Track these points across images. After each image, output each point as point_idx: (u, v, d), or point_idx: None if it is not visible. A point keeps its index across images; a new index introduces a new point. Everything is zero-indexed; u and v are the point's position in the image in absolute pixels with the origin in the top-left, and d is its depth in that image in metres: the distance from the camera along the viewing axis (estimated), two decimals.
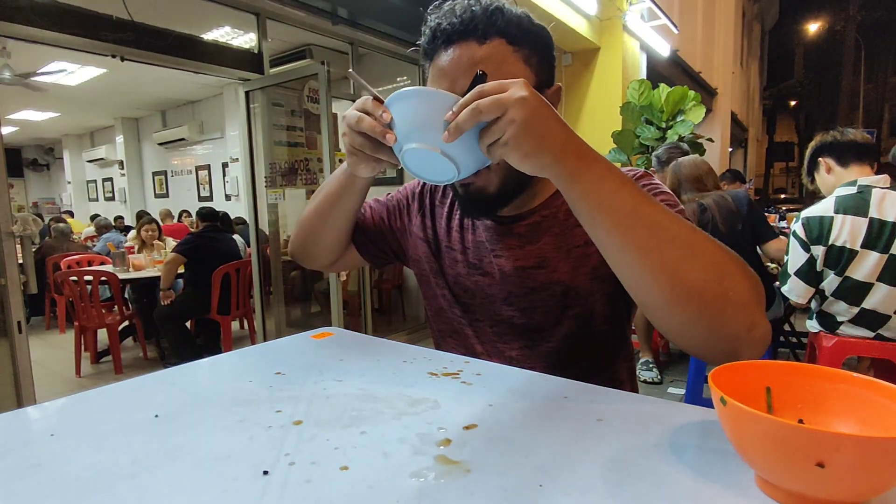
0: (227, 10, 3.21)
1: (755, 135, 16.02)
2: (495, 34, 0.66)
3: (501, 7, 0.67)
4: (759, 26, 16.63)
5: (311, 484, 0.42)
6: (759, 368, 0.46)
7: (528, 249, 0.78)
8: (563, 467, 0.44)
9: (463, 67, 0.66)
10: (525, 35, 0.68)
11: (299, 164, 3.42)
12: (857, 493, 0.36)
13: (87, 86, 6.21)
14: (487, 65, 0.65)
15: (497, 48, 0.66)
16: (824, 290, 1.88)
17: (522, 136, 0.52)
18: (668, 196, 0.72)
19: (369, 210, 0.95)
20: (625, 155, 4.38)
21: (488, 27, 0.66)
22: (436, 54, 0.69)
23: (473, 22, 0.66)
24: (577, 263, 0.76)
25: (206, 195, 7.96)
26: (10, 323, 1.98)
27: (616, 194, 0.54)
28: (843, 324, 1.86)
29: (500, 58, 0.66)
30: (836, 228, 1.78)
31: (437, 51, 0.68)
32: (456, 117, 0.53)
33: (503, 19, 0.66)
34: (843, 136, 1.87)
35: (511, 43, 0.67)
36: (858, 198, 1.77)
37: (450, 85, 0.67)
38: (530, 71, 0.69)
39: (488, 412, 0.55)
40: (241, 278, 3.71)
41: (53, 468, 0.46)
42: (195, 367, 0.74)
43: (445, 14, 0.68)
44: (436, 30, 0.68)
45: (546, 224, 0.78)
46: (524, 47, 0.68)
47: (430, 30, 0.69)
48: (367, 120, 0.59)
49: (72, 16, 2.55)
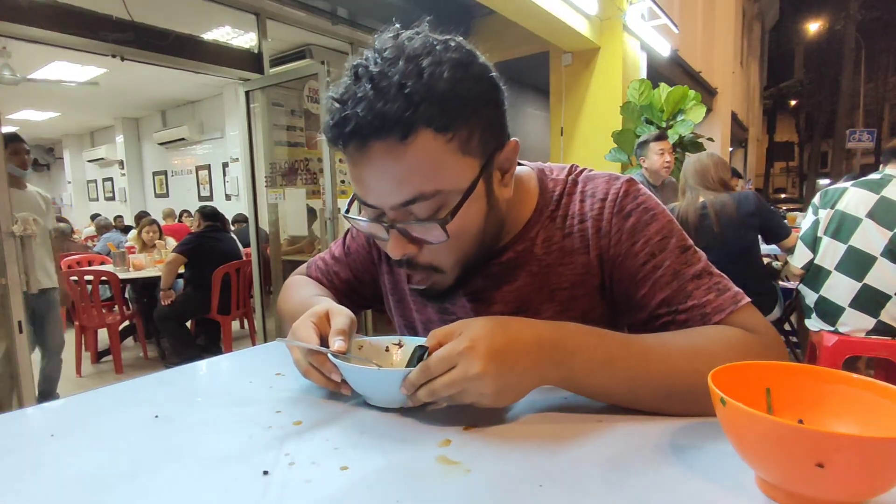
0: (227, 10, 3.21)
1: (755, 134, 16.02)
2: (421, 123, 0.51)
3: (421, 81, 0.50)
4: (759, 26, 16.63)
5: (311, 484, 0.42)
6: (759, 369, 0.46)
7: (506, 290, 0.70)
8: (563, 467, 0.44)
9: (386, 179, 0.53)
10: (457, 110, 0.52)
11: (299, 164, 3.42)
12: (856, 493, 0.36)
13: (87, 86, 6.21)
14: (416, 170, 0.52)
15: (424, 144, 0.52)
16: (824, 265, 1.93)
17: (500, 399, 0.52)
18: (649, 210, 0.66)
19: (335, 278, 0.87)
20: (625, 155, 4.37)
21: (409, 118, 0.50)
22: (346, 148, 0.54)
23: (387, 116, 0.50)
24: (563, 308, 0.68)
25: (207, 195, 7.96)
26: (11, 323, 1.98)
27: (598, 382, 0.55)
28: (844, 312, 1.88)
29: (429, 157, 0.52)
30: (847, 197, 1.91)
31: (348, 145, 0.53)
32: (413, 393, 0.53)
33: (426, 102, 0.50)
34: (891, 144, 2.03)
35: (440, 130, 0.52)
36: (878, 181, 1.89)
37: (375, 199, 0.56)
38: (472, 157, 0.55)
39: (488, 412, 0.55)
40: (241, 278, 3.71)
41: (53, 468, 0.46)
42: (195, 367, 0.75)
43: (352, 100, 0.51)
44: (342, 124, 0.52)
45: (521, 260, 0.69)
46: (460, 128, 0.53)
47: (335, 123, 0.53)
48: (317, 375, 0.58)
49: (72, 16, 2.55)
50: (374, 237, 0.64)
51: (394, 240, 0.58)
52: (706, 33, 8.93)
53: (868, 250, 1.82)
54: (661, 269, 0.63)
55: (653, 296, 0.63)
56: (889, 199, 1.82)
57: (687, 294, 0.61)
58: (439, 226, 0.55)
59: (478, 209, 0.59)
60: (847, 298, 1.87)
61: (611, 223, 0.65)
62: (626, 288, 0.65)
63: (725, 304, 0.60)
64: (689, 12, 8.09)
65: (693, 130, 4.27)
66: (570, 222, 0.68)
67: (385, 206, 0.56)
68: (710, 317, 0.60)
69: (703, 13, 8.78)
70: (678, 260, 0.63)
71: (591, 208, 0.67)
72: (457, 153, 0.54)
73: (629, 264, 0.64)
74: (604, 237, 0.66)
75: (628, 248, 0.64)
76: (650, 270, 0.63)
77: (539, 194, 0.70)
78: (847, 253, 1.87)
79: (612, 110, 4.68)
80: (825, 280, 1.93)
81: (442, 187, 0.54)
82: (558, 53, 4.98)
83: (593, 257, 0.67)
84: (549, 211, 0.69)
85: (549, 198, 0.70)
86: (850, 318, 1.87)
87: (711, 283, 0.62)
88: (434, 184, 0.54)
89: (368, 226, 0.60)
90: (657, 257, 0.63)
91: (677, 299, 0.62)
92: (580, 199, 0.68)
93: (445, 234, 0.56)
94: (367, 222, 0.59)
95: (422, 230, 0.57)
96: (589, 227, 0.66)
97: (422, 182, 0.53)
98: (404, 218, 0.56)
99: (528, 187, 0.71)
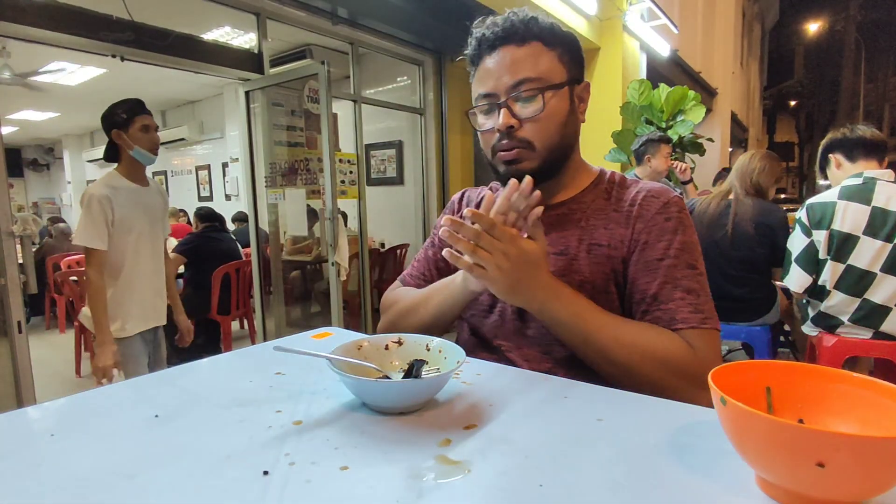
0: (227, 10, 3.21)
1: (755, 135, 16.01)
2: (532, 38, 0.77)
3: (536, 17, 0.78)
4: (759, 26, 16.62)
5: (311, 484, 0.42)
6: (759, 368, 0.46)
7: (553, 236, 0.83)
8: (563, 467, 0.44)
9: (506, 65, 0.77)
10: (558, 38, 0.79)
11: (299, 164, 3.42)
12: (857, 493, 0.36)
13: (87, 86, 6.21)
14: (526, 61, 0.76)
15: (534, 48, 0.77)
16: (825, 284, 1.87)
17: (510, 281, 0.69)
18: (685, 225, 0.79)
19: (428, 271, 0.99)
20: (625, 155, 4.37)
21: (526, 32, 0.77)
22: (480, 59, 0.80)
23: (513, 29, 0.77)
24: (596, 261, 0.80)
25: (206, 195, 7.96)
26: (10, 323, 1.97)
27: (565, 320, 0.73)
28: (843, 325, 1.86)
29: (537, 55, 0.77)
30: (839, 214, 1.81)
31: (482, 56, 0.80)
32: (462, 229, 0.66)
33: (538, 26, 0.78)
34: (853, 133, 1.90)
35: (546, 45, 0.77)
36: (863, 187, 1.80)
37: (494, 84, 0.77)
38: (563, 67, 0.78)
39: (488, 412, 0.55)
40: (241, 278, 3.70)
41: (53, 468, 0.46)
42: (195, 367, 0.74)
43: (488, 25, 0.79)
44: (480, 39, 0.79)
45: (574, 216, 0.84)
46: (557, 48, 0.78)
47: (476, 39, 0.80)
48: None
49: (72, 16, 2.54)
50: (483, 128, 0.82)
51: (504, 114, 0.77)
52: (706, 34, 8.93)
53: (867, 267, 1.78)
54: (666, 269, 0.76)
55: (650, 287, 0.76)
56: (881, 208, 1.76)
57: (671, 299, 0.75)
58: (540, 95, 0.76)
59: (563, 105, 0.79)
60: (847, 314, 1.85)
61: (653, 217, 0.79)
62: (636, 272, 0.78)
63: (691, 320, 0.73)
64: (688, 12, 8.09)
65: (693, 131, 4.26)
66: (622, 204, 0.82)
67: (501, 88, 0.77)
68: (675, 323, 0.73)
69: (703, 13, 8.78)
70: (682, 272, 0.76)
71: (643, 199, 0.81)
72: (555, 60, 0.78)
73: (648, 253, 0.77)
74: (641, 222, 0.79)
75: (654, 241, 0.77)
76: (659, 265, 0.76)
77: (598, 175, 0.88)
78: (846, 271, 1.82)
79: (612, 110, 4.68)
80: (825, 298, 1.89)
81: (542, 76, 0.76)
82: None
83: (628, 234, 0.80)
84: (605, 189, 0.85)
85: (605, 178, 0.87)
86: (850, 329, 1.85)
87: (694, 301, 0.74)
88: (537, 72, 0.76)
89: (482, 118, 0.82)
90: (669, 259, 0.76)
91: (663, 298, 0.75)
92: (636, 190, 0.83)
93: (542, 105, 0.76)
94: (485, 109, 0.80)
95: (525, 106, 0.77)
96: (634, 210, 0.80)
97: (530, 69, 0.76)
98: (514, 97, 0.76)
99: (591, 169, 0.89)
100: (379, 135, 4.98)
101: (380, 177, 5.07)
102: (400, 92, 4.77)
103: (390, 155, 4.96)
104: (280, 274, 3.85)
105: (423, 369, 0.63)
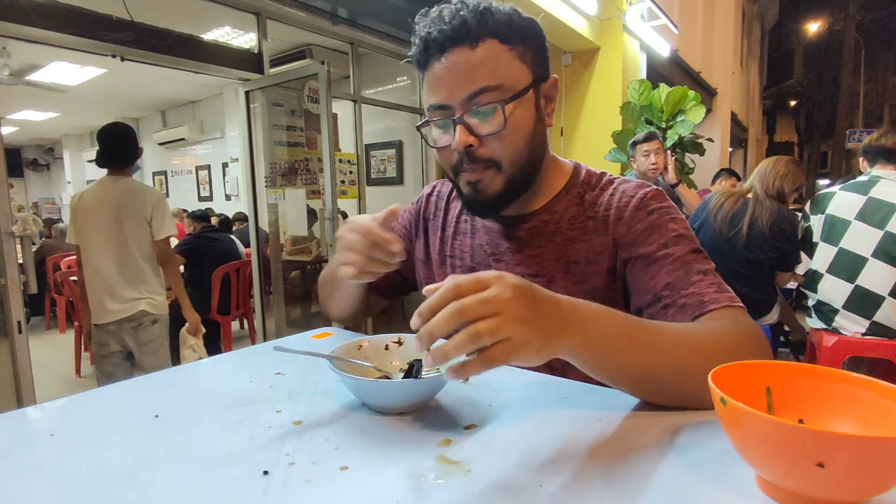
0: (227, 10, 3.21)
1: (755, 135, 16.00)
2: (487, 35, 0.65)
3: (489, 7, 0.66)
4: (759, 26, 16.61)
5: (311, 484, 0.42)
6: (759, 368, 0.46)
7: (527, 254, 0.76)
8: (563, 467, 0.44)
9: (459, 72, 0.65)
10: (516, 32, 0.67)
11: (299, 164, 3.42)
12: (857, 493, 0.36)
13: (87, 86, 6.21)
14: (483, 66, 0.65)
15: (491, 48, 0.65)
16: (818, 268, 1.95)
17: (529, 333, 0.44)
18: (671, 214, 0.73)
19: None
20: (625, 155, 4.37)
21: (479, 29, 0.65)
22: (428, 64, 0.68)
23: (465, 27, 0.65)
24: (575, 281, 0.74)
25: (206, 195, 7.95)
26: (10, 323, 1.98)
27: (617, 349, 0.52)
28: (838, 313, 1.89)
29: (494, 57, 0.65)
30: (836, 200, 1.95)
31: (431, 60, 0.67)
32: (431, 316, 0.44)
33: (493, 19, 0.65)
34: (875, 142, 2.04)
35: (503, 42, 0.66)
36: (865, 182, 1.92)
37: (447, 94, 0.66)
38: (526, 67, 0.68)
39: (488, 412, 0.55)
40: (240, 278, 3.70)
41: (53, 468, 0.46)
42: (195, 367, 0.74)
43: (434, 21, 0.67)
44: (427, 39, 0.67)
45: (546, 229, 0.76)
46: (517, 44, 0.67)
47: (421, 40, 0.68)
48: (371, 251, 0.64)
49: (72, 16, 2.54)
50: (438, 144, 0.72)
51: (461, 131, 0.66)
52: (706, 33, 8.92)
53: (859, 251, 1.84)
54: (672, 258, 0.68)
55: (660, 280, 0.67)
56: (877, 199, 1.84)
57: (690, 282, 0.66)
58: (500, 108, 0.65)
59: (529, 114, 0.69)
60: (840, 300, 1.89)
61: (633, 214, 0.72)
62: (637, 274, 0.70)
63: (722, 299, 0.64)
64: (688, 12, 8.08)
65: (693, 131, 4.26)
66: (596, 209, 0.75)
67: (456, 100, 0.66)
68: (707, 304, 0.63)
69: (703, 13, 8.77)
70: (689, 255, 0.68)
71: (618, 201, 0.74)
72: (515, 59, 0.67)
73: (642, 250, 0.70)
74: (622, 225, 0.72)
75: (644, 238, 0.70)
76: (661, 257, 0.69)
77: (571, 175, 0.79)
78: (838, 255, 1.89)
79: (612, 111, 4.68)
80: (819, 282, 1.96)
81: (502, 83, 0.65)
82: (558, 53, 4.97)
83: (609, 241, 0.73)
84: (578, 193, 0.77)
85: (579, 181, 0.78)
86: (845, 320, 1.88)
87: (714, 281, 0.66)
88: (496, 79, 0.65)
89: (437, 132, 0.71)
90: (670, 248, 0.69)
91: (681, 284, 0.66)
92: (611, 193, 0.76)
93: (504, 119, 0.65)
94: (440, 123, 0.69)
95: (484, 122, 0.66)
96: (612, 214, 0.74)
97: (487, 76, 0.65)
98: (472, 113, 0.66)
99: (563, 167, 0.81)
100: (379, 135, 4.99)
101: (380, 177, 5.07)
102: (400, 92, 4.77)
103: (390, 155, 4.97)
104: (280, 274, 3.85)
105: (423, 369, 0.63)
